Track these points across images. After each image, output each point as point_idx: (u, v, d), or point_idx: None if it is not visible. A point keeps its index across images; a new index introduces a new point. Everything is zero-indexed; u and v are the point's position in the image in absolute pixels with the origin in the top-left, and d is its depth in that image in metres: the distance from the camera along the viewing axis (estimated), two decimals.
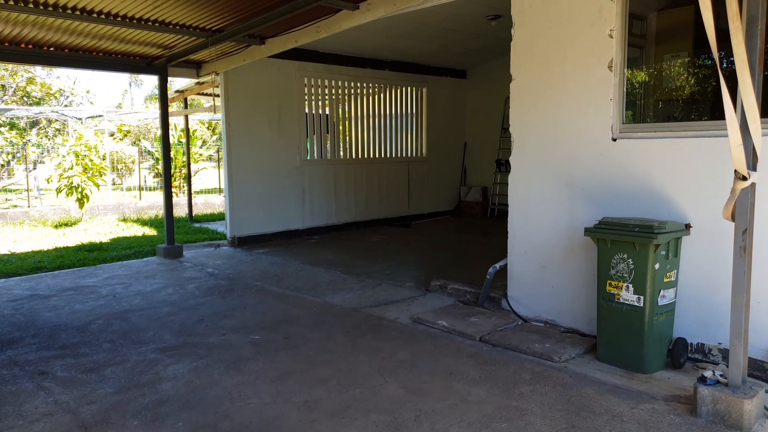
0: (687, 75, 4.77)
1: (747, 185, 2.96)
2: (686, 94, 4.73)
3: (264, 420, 3.18)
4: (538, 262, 4.93)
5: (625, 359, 3.86)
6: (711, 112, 4.44)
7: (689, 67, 4.75)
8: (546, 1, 4.70)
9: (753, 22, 2.90)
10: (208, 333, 4.70)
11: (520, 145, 5.02)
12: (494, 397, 3.44)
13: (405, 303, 5.53)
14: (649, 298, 3.73)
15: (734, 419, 3.00)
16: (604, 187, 4.45)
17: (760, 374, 3.73)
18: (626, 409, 3.27)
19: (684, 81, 4.76)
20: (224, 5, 5.94)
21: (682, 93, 4.81)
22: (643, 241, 3.66)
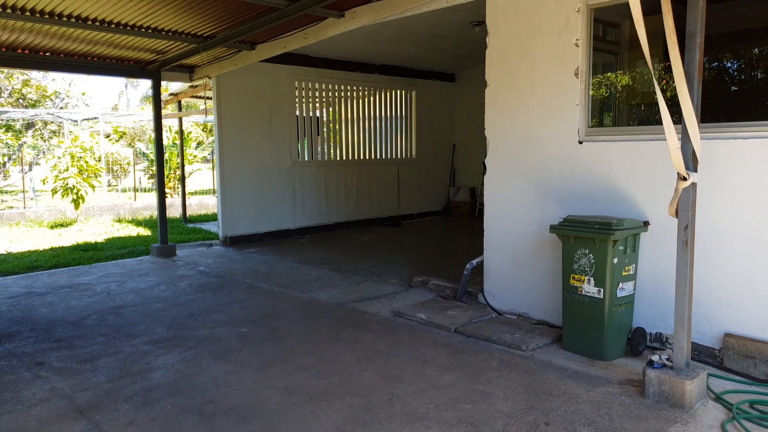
0: (650, 81, 5.04)
1: (688, 185, 3.23)
2: (648, 99, 5.00)
3: (246, 404, 3.43)
4: (512, 259, 5.19)
5: (587, 348, 4.13)
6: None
7: (656, 73, 5.01)
8: (518, 12, 4.97)
9: (692, 36, 3.17)
10: (198, 327, 4.95)
11: (495, 148, 5.29)
12: (462, 382, 3.69)
13: (388, 298, 5.79)
14: (609, 291, 3.99)
15: (677, 399, 3.26)
16: (572, 187, 4.72)
17: (711, 360, 4.00)
18: (582, 392, 3.53)
19: (647, 87, 5.03)
20: (214, 13, 6.19)
21: (645, 98, 5.08)
22: (603, 237, 3.93)
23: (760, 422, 3.14)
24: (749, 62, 4.21)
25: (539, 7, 4.81)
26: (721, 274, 3.95)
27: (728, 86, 4.24)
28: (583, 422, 3.14)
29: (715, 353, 4.00)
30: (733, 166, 3.86)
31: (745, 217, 3.82)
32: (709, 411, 3.28)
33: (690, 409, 3.25)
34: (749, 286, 3.84)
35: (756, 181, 3.76)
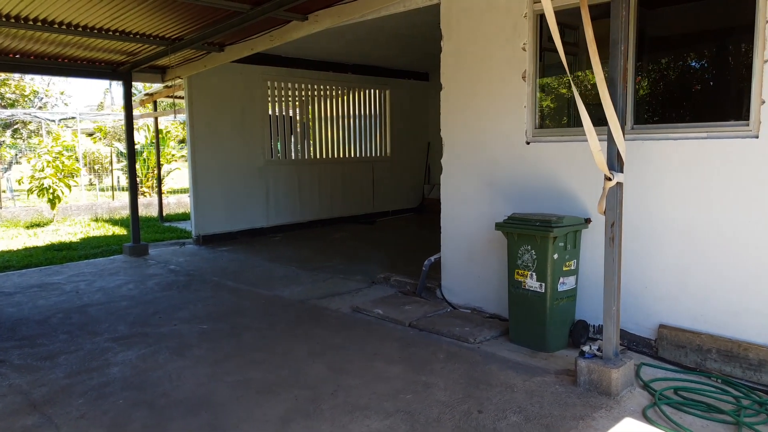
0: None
1: (613, 184, 3.42)
2: (593, 100, 5.18)
3: (197, 396, 3.57)
4: (467, 255, 5.37)
5: (531, 340, 4.32)
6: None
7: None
8: (470, 18, 5.14)
9: (615, 44, 3.35)
10: (161, 324, 5.07)
11: (450, 148, 5.46)
12: (407, 374, 3.86)
13: (350, 294, 5.94)
14: (550, 285, 4.18)
15: (605, 386, 3.46)
16: (521, 186, 4.90)
17: (647, 350, 4.21)
18: (520, 381, 3.72)
19: (594, 89, 5.22)
20: (181, 16, 6.28)
21: (591, 100, 5.26)
22: (543, 234, 4.12)
23: (680, 407, 3.35)
24: (683, 67, 4.42)
25: (489, 12, 4.97)
26: (656, 269, 4.16)
27: (665, 90, 4.45)
28: (514, 410, 3.32)
29: (651, 343, 4.21)
30: (666, 166, 4.06)
31: (677, 214, 4.03)
32: (634, 398, 3.47)
33: (616, 396, 3.45)
34: (682, 280, 4.04)
35: (686, 179, 3.96)
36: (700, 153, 3.90)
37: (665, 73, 4.45)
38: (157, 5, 5.81)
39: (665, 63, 4.49)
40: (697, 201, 3.93)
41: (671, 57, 4.50)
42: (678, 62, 4.43)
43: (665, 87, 4.45)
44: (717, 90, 4.16)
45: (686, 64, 4.39)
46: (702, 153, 3.89)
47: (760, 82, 3.61)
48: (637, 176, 4.18)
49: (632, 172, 4.20)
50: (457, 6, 5.23)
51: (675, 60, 4.47)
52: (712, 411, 3.30)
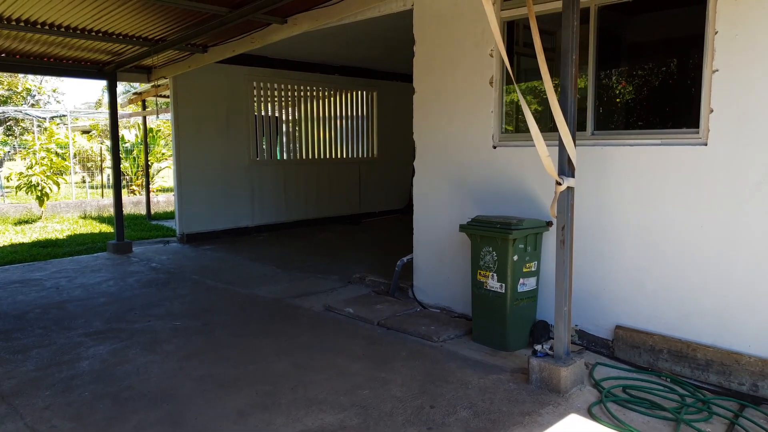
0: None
1: (564, 189, 3.54)
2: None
3: (161, 390, 3.68)
4: (437, 256, 5.50)
5: (492, 339, 4.44)
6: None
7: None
8: (441, 23, 5.26)
9: (565, 54, 3.48)
10: (135, 320, 5.17)
11: (422, 151, 5.58)
12: (368, 371, 3.98)
13: (325, 294, 6.06)
14: (510, 286, 4.31)
15: (554, 384, 3.58)
16: (488, 189, 5.03)
17: (605, 351, 4.34)
18: (475, 379, 3.84)
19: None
20: (162, 18, 6.38)
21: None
22: (503, 236, 4.24)
23: (625, 405, 3.47)
24: (642, 76, 4.55)
25: (459, 19, 5.10)
26: (615, 272, 4.29)
27: (625, 97, 4.58)
28: (465, 405, 3.44)
29: (608, 344, 4.34)
30: (624, 171, 4.19)
31: (635, 218, 4.15)
32: (583, 395, 3.60)
33: (565, 394, 3.57)
34: (638, 282, 4.17)
35: (642, 184, 4.09)
36: (655, 159, 4.03)
37: (625, 81, 4.58)
38: (138, 7, 5.91)
39: (625, 72, 4.62)
40: (653, 205, 4.06)
41: (631, 66, 4.63)
42: (637, 71, 4.56)
43: (625, 95, 4.58)
44: (672, 99, 4.29)
45: (645, 73, 4.52)
46: (657, 159, 4.02)
47: (709, 91, 3.74)
48: (597, 181, 4.32)
49: (592, 177, 4.33)
50: (428, 12, 5.35)
51: (635, 69, 4.60)
52: (656, 408, 3.42)
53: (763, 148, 3.55)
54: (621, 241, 4.23)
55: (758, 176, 3.59)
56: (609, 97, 4.60)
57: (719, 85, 3.70)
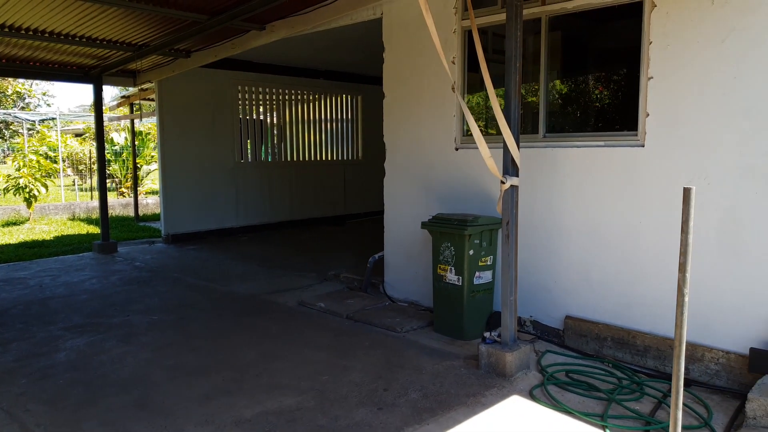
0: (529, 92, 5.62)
1: (507, 187, 3.81)
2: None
3: (133, 377, 3.91)
4: (406, 253, 5.75)
5: (451, 329, 4.70)
6: (527, 126, 5.25)
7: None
8: (407, 32, 5.53)
9: (509, 61, 3.75)
10: (114, 315, 5.40)
11: (392, 153, 5.85)
12: (331, 359, 4.23)
13: (300, 290, 6.30)
14: (467, 279, 4.57)
15: (501, 369, 3.84)
16: (451, 189, 5.29)
17: (556, 339, 4.61)
18: (430, 365, 4.09)
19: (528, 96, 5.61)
20: (143, 24, 6.62)
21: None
22: (459, 232, 4.50)
23: (565, 387, 3.73)
24: (590, 82, 4.83)
25: (423, 28, 5.32)
26: (564, 265, 4.56)
27: (574, 102, 4.87)
28: (416, 388, 3.69)
29: (560, 333, 4.61)
30: (572, 170, 4.46)
31: (582, 214, 4.43)
32: (528, 379, 3.86)
33: (511, 377, 3.83)
34: (585, 274, 4.44)
35: (588, 183, 4.36)
36: (599, 159, 4.30)
37: (575, 87, 4.87)
38: (119, 13, 6.15)
39: (575, 78, 4.90)
40: (598, 203, 4.33)
41: (581, 73, 4.92)
42: (587, 77, 4.84)
43: (574, 100, 4.86)
44: (616, 103, 4.57)
45: (593, 79, 4.80)
46: (601, 159, 4.29)
47: (645, 97, 4.02)
48: (548, 180, 4.59)
49: (545, 177, 4.61)
50: (396, 21, 5.62)
51: (584, 75, 4.89)
52: (592, 390, 3.69)
53: (692, 150, 3.83)
54: (569, 237, 4.51)
55: (688, 175, 3.87)
56: (560, 102, 4.88)
57: (654, 91, 3.98)
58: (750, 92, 3.59)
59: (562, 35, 4.77)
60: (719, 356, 3.78)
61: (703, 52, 3.75)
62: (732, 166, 3.69)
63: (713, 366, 3.81)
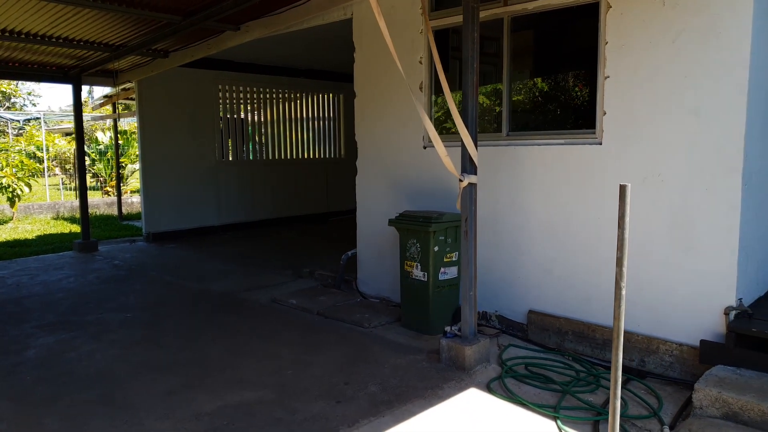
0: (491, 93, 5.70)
1: (465, 185, 3.89)
2: (484, 108, 5.65)
3: (99, 373, 3.97)
4: (377, 250, 5.83)
5: (417, 324, 4.78)
6: (492, 125, 5.32)
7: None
8: (376, 33, 5.54)
9: (466, 62, 3.83)
10: (88, 313, 5.44)
11: (363, 152, 5.93)
12: (296, 354, 4.30)
13: (275, 287, 6.36)
14: (432, 274, 4.65)
15: (460, 362, 3.93)
16: (420, 187, 5.38)
17: (520, 333, 4.70)
18: (393, 359, 4.17)
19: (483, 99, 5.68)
20: (118, 25, 6.65)
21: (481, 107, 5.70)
22: (424, 229, 4.58)
23: (523, 380, 3.83)
24: (552, 82, 4.93)
25: (391, 27, 5.39)
26: (527, 261, 4.65)
27: (536, 101, 4.96)
28: (376, 382, 3.77)
29: (523, 327, 4.70)
30: (534, 169, 4.55)
31: (543, 211, 4.52)
32: (487, 372, 3.95)
33: (470, 370, 3.92)
34: (546, 270, 4.54)
35: (549, 180, 4.45)
36: (560, 157, 4.39)
37: (538, 86, 4.96)
38: (93, 15, 6.18)
39: (538, 77, 4.99)
40: (558, 200, 4.42)
41: (543, 72, 5.02)
42: (549, 77, 4.94)
43: (536, 99, 4.95)
44: (576, 102, 4.67)
45: (555, 79, 4.89)
46: (562, 157, 4.38)
47: (602, 96, 4.12)
48: (511, 177, 4.68)
49: (507, 174, 4.70)
50: (365, 22, 5.69)
51: (546, 75, 4.98)
52: (549, 382, 3.78)
53: (647, 147, 3.93)
54: (532, 233, 4.60)
55: (643, 172, 3.96)
56: (523, 101, 4.97)
57: (610, 90, 4.07)
58: (698, 91, 3.69)
59: (524, 36, 4.86)
60: (673, 348, 3.88)
61: (655, 52, 3.85)
62: (683, 164, 3.79)
63: (668, 358, 3.91)
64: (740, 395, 3.14)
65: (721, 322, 3.66)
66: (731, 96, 3.55)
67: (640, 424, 3.28)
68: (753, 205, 3.80)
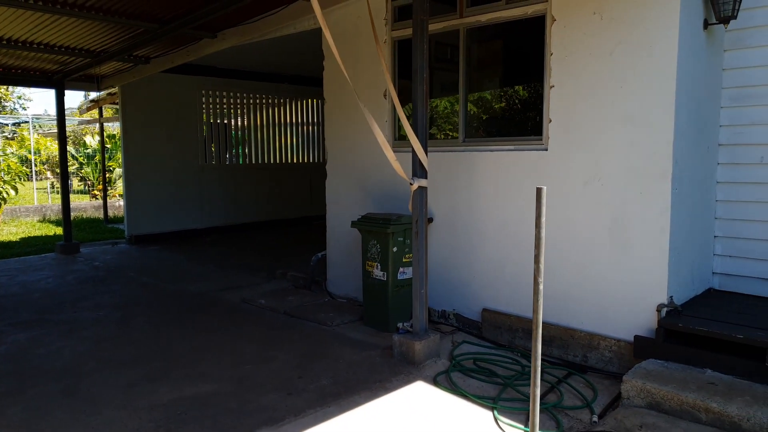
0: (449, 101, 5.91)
1: (416, 188, 4.10)
2: (439, 114, 5.82)
3: (66, 368, 4.14)
4: (345, 251, 6.03)
5: (378, 322, 4.98)
6: (452, 132, 5.53)
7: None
8: (344, 41, 5.80)
9: (416, 73, 4.04)
10: (63, 312, 5.61)
11: (332, 156, 6.13)
12: (258, 351, 4.48)
13: (247, 288, 6.55)
14: (391, 274, 4.85)
15: (411, 357, 4.12)
16: (385, 190, 5.58)
17: (475, 331, 4.90)
18: (349, 355, 4.36)
19: (444, 105, 5.89)
20: (97, 32, 6.84)
21: (439, 113, 5.90)
22: (383, 230, 4.79)
23: (469, 374, 4.02)
24: (505, 91, 5.16)
25: (358, 37, 5.66)
26: (482, 261, 4.86)
27: (491, 110, 5.19)
28: (329, 376, 3.96)
29: (478, 325, 4.90)
30: (488, 173, 4.77)
31: (496, 213, 4.73)
32: (436, 366, 4.14)
33: (420, 365, 4.11)
34: (499, 270, 4.74)
35: (501, 184, 4.67)
36: (511, 162, 4.61)
37: (492, 95, 5.19)
38: (72, 22, 6.36)
39: (492, 87, 5.23)
40: (509, 202, 4.63)
41: (496, 82, 5.25)
42: (502, 86, 5.17)
43: (491, 107, 5.18)
44: (526, 110, 4.89)
45: (507, 88, 5.13)
46: (513, 162, 4.60)
47: (548, 104, 4.34)
48: (467, 182, 4.89)
49: (463, 178, 4.91)
50: (334, 30, 5.88)
51: (500, 84, 5.21)
52: (493, 376, 3.98)
53: (588, 153, 4.15)
54: (487, 234, 4.81)
55: (585, 176, 4.18)
56: (478, 109, 5.20)
57: (555, 98, 4.30)
58: (633, 100, 3.91)
59: (479, 47, 5.09)
60: (612, 344, 4.09)
61: (595, 62, 4.07)
62: (620, 168, 4.01)
63: (607, 353, 4.12)
64: (662, 386, 3.35)
65: (654, 318, 3.87)
66: (661, 105, 3.78)
67: (572, 414, 3.48)
68: (685, 208, 4.02)
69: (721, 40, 4.36)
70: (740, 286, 4.44)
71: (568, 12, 4.19)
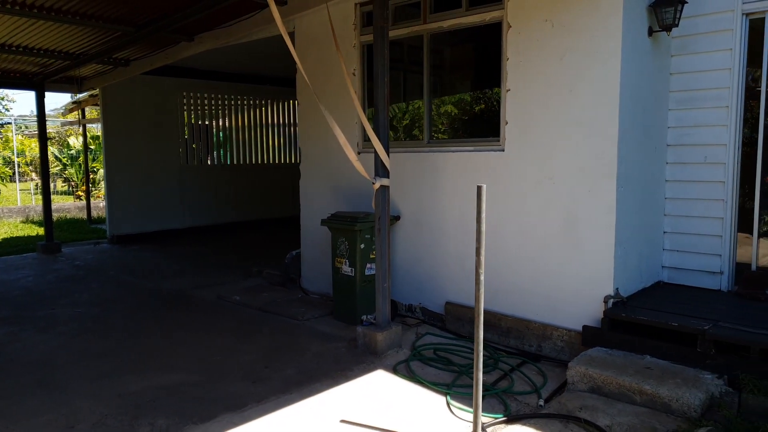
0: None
1: (378, 187, 4.30)
2: (411, 117, 6.06)
3: (40, 361, 4.29)
4: (319, 248, 6.21)
5: (347, 316, 5.17)
6: (419, 134, 5.74)
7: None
8: (316, 45, 6.00)
9: (377, 77, 4.25)
10: (41, 308, 5.74)
11: (306, 156, 6.32)
12: (229, 343, 4.66)
13: (223, 285, 6.71)
14: (359, 270, 5.05)
15: (373, 347, 4.32)
16: (355, 189, 5.78)
17: (439, 323, 5.11)
18: (316, 347, 4.55)
19: (413, 109, 6.10)
20: (76, 35, 6.96)
21: (412, 117, 6.13)
22: (351, 228, 4.98)
23: (428, 362, 4.23)
24: (466, 94, 5.39)
25: (329, 42, 5.82)
26: (445, 256, 5.07)
27: (453, 112, 5.42)
28: (294, 365, 4.15)
29: (442, 318, 5.11)
30: (449, 173, 4.98)
31: (458, 211, 4.94)
32: (397, 356, 4.34)
33: (381, 355, 4.31)
34: (460, 265, 4.96)
35: (462, 183, 4.88)
36: (470, 162, 4.83)
37: (454, 98, 5.42)
38: (48, 26, 6.48)
39: (455, 90, 5.45)
40: (470, 200, 4.83)
41: (458, 85, 5.48)
42: (464, 89, 5.40)
43: (453, 110, 5.40)
44: (486, 113, 5.11)
45: (468, 92, 5.36)
46: (472, 162, 4.82)
47: (505, 107, 4.56)
48: (432, 181, 5.10)
49: (428, 178, 5.12)
50: (306, 35, 6.10)
51: (462, 87, 5.44)
52: (450, 365, 4.19)
53: (541, 153, 4.37)
54: (449, 231, 5.02)
55: (539, 176, 4.41)
56: (441, 112, 5.42)
57: (511, 102, 4.52)
58: (581, 104, 4.14)
59: (443, 52, 5.31)
60: (563, 334, 4.32)
61: (547, 68, 4.30)
62: (570, 168, 4.24)
63: (559, 343, 4.35)
64: (603, 371, 3.58)
65: (601, 309, 4.10)
66: (606, 108, 4.01)
67: (521, 398, 3.69)
68: (632, 206, 4.26)
69: (667, 46, 4.61)
70: (686, 278, 4.69)
71: (522, 19, 4.41)
